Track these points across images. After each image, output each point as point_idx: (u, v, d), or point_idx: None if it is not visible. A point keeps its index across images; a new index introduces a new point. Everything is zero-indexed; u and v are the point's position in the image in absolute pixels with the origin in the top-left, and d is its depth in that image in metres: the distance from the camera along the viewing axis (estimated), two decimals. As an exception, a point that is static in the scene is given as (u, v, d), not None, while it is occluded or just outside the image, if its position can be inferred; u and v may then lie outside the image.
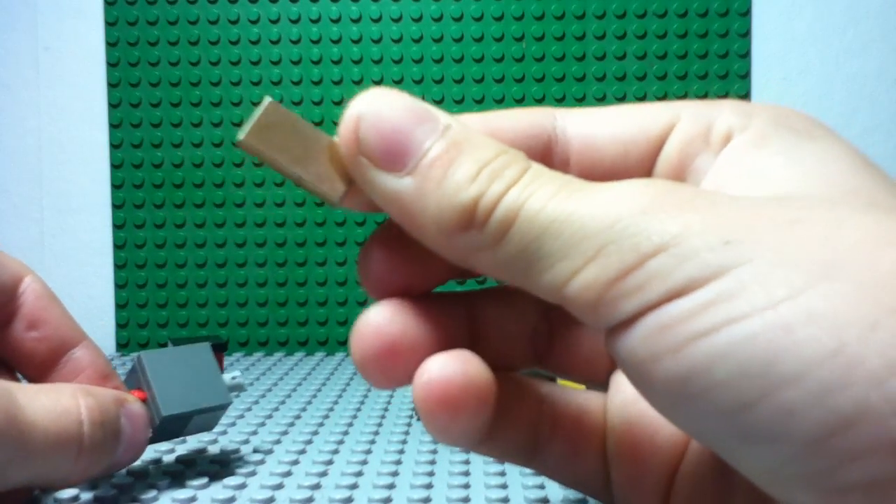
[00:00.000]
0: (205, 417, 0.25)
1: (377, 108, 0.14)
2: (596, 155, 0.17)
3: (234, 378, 0.26)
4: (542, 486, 0.24)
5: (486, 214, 0.13)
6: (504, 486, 0.24)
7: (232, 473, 0.26)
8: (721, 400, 0.11)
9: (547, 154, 0.17)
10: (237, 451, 0.28)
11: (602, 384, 0.19)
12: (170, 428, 0.24)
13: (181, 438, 0.29)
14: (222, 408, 0.25)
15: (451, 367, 0.14)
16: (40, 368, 0.24)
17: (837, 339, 0.10)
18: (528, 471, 0.26)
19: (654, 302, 0.12)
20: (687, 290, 0.12)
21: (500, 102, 0.48)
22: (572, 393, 0.18)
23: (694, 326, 0.11)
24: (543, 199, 0.13)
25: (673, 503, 0.17)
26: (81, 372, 0.24)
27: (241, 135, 0.14)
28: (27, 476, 0.19)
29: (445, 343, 0.16)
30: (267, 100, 0.14)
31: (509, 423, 0.17)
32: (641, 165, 0.16)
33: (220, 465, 0.26)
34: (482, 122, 0.16)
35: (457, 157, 0.14)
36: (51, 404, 0.20)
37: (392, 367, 0.15)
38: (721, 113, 0.16)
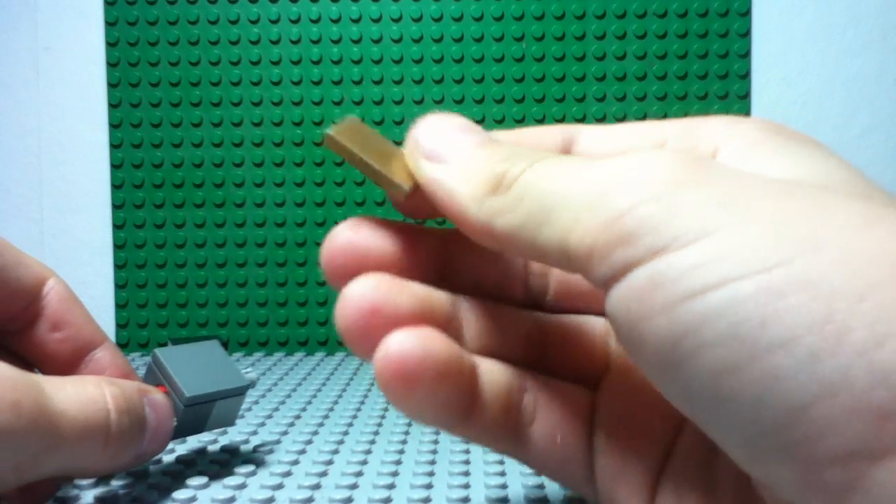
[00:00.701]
0: (226, 406, 0.25)
1: (434, 120, 0.17)
2: None
3: (246, 373, 0.26)
4: (541, 486, 0.24)
5: (512, 181, 0.15)
6: (504, 487, 0.24)
7: (232, 473, 0.26)
8: (710, 361, 0.12)
9: None
10: (237, 450, 0.28)
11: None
12: (193, 418, 0.24)
13: (182, 439, 0.29)
14: (242, 392, 0.25)
15: (409, 341, 0.15)
16: (63, 369, 0.24)
17: (827, 308, 0.11)
18: (528, 470, 0.26)
19: (646, 253, 0.12)
20: (677, 244, 0.12)
21: (500, 102, 0.48)
22: (557, 385, 0.19)
23: (687, 285, 0.12)
24: (561, 168, 0.15)
25: (660, 496, 0.17)
26: (102, 372, 0.24)
27: (328, 131, 0.17)
28: (57, 465, 0.19)
29: (430, 316, 0.16)
30: (350, 116, 0.17)
31: (491, 405, 0.17)
32: None
33: (220, 465, 0.26)
34: (513, 137, 0.18)
35: (494, 150, 0.16)
36: (76, 393, 0.20)
37: (373, 332, 0.16)
38: (707, 127, 0.16)
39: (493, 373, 0.18)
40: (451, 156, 0.16)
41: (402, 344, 0.15)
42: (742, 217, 0.12)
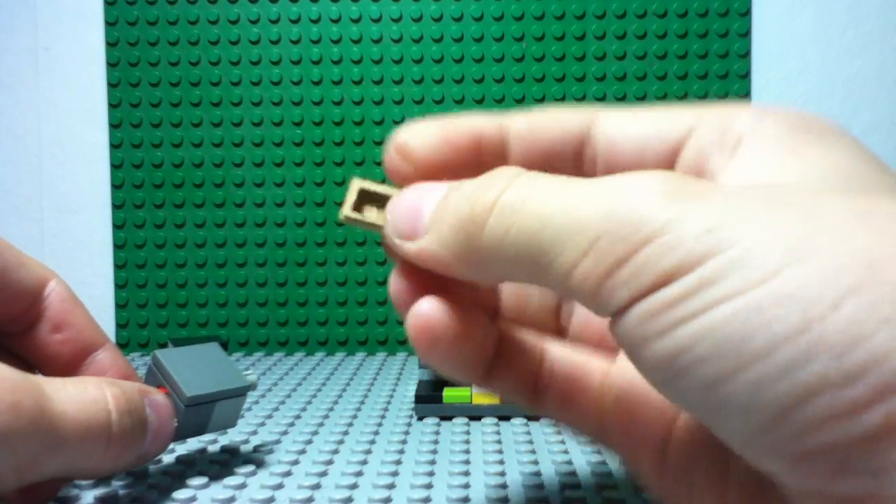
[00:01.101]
0: (227, 407, 0.25)
1: (398, 201, 0.18)
2: (617, 155, 0.18)
3: (247, 373, 0.26)
4: (541, 487, 0.24)
5: (484, 216, 0.15)
6: (504, 487, 0.24)
7: (232, 473, 0.26)
8: (701, 374, 0.13)
9: (579, 152, 0.19)
10: (237, 450, 0.28)
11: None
12: (194, 419, 0.24)
13: (182, 440, 0.29)
14: (243, 393, 0.25)
15: (435, 306, 0.17)
16: (64, 370, 0.24)
17: (803, 319, 0.11)
18: (528, 471, 0.26)
19: (645, 290, 0.13)
20: (673, 277, 0.13)
21: (500, 102, 0.48)
22: (571, 354, 0.20)
23: (679, 312, 0.13)
24: (540, 195, 0.15)
25: (669, 455, 0.18)
26: (104, 374, 0.24)
27: (340, 216, 0.19)
28: (59, 466, 0.19)
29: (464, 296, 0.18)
30: (354, 178, 0.19)
31: (510, 366, 0.20)
32: (658, 167, 0.18)
33: (220, 465, 0.26)
34: (527, 118, 0.19)
35: (456, 195, 0.16)
36: (78, 394, 0.20)
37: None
38: (738, 117, 0.17)
39: (515, 339, 0.20)
40: (420, 226, 0.17)
41: (430, 308, 0.17)
42: (731, 239, 0.12)
